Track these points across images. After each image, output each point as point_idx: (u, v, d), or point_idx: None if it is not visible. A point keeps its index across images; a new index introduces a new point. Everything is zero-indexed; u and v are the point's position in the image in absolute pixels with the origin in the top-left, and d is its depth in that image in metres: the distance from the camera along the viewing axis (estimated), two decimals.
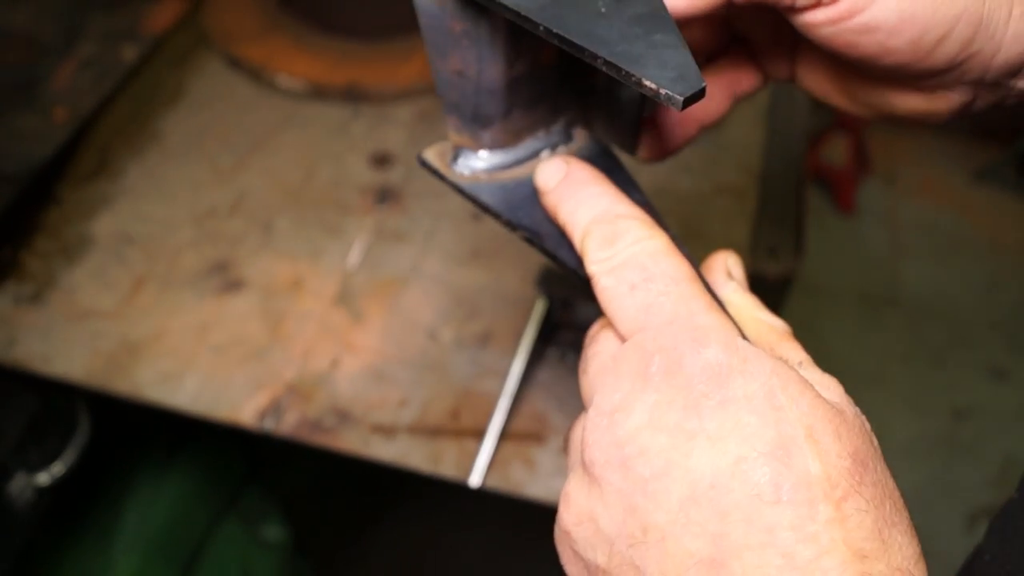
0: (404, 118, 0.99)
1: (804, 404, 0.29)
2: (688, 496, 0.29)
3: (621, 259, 0.35)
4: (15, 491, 0.78)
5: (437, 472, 0.71)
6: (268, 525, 1.05)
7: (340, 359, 0.78)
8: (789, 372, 0.30)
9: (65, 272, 0.84)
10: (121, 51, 1.02)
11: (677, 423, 0.30)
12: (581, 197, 0.38)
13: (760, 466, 0.28)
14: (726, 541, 0.28)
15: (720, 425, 0.29)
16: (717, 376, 0.30)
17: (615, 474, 0.31)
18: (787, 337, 0.36)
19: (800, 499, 0.27)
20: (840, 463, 0.28)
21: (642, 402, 0.31)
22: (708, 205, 0.89)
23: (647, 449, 0.30)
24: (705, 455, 0.29)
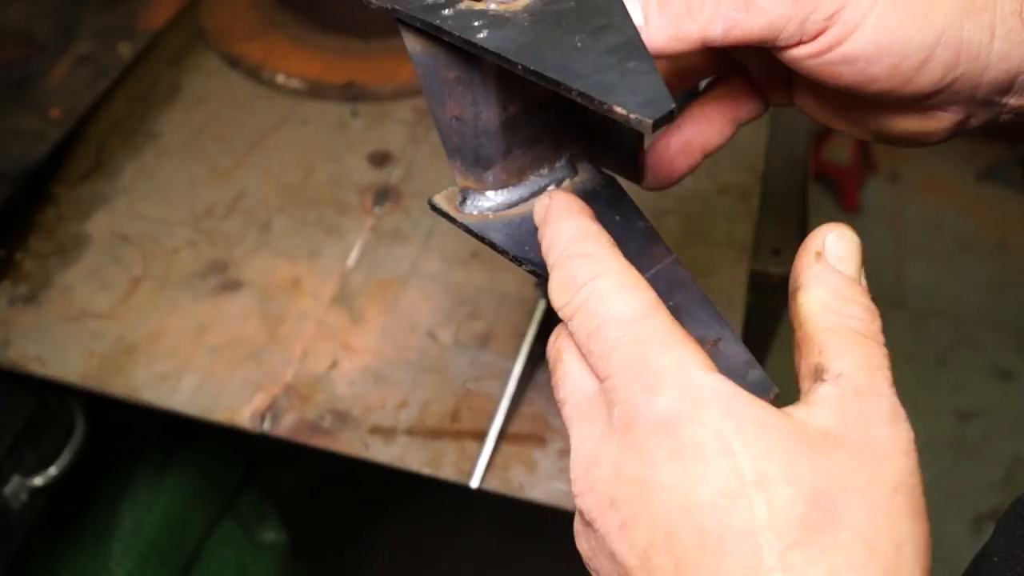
0: (404, 117, 0.98)
1: (759, 447, 0.28)
2: (649, 543, 0.29)
3: (574, 306, 0.34)
4: (10, 493, 0.78)
5: (437, 474, 0.70)
6: (265, 527, 1.04)
7: (339, 360, 0.77)
8: (746, 411, 0.29)
9: (61, 272, 0.83)
10: (117, 49, 1.01)
11: (636, 474, 0.30)
12: (551, 234, 0.37)
13: (705, 515, 0.28)
14: None
15: (670, 475, 0.29)
16: (667, 426, 0.29)
17: (600, 519, 0.31)
18: (845, 338, 0.31)
19: (743, 549, 0.27)
20: (791, 510, 0.27)
21: (608, 455, 0.31)
22: (711, 205, 0.88)
23: (616, 500, 0.31)
24: (660, 505, 0.29)
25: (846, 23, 0.36)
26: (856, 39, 0.36)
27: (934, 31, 0.35)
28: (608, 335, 0.32)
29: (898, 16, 0.35)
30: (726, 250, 0.84)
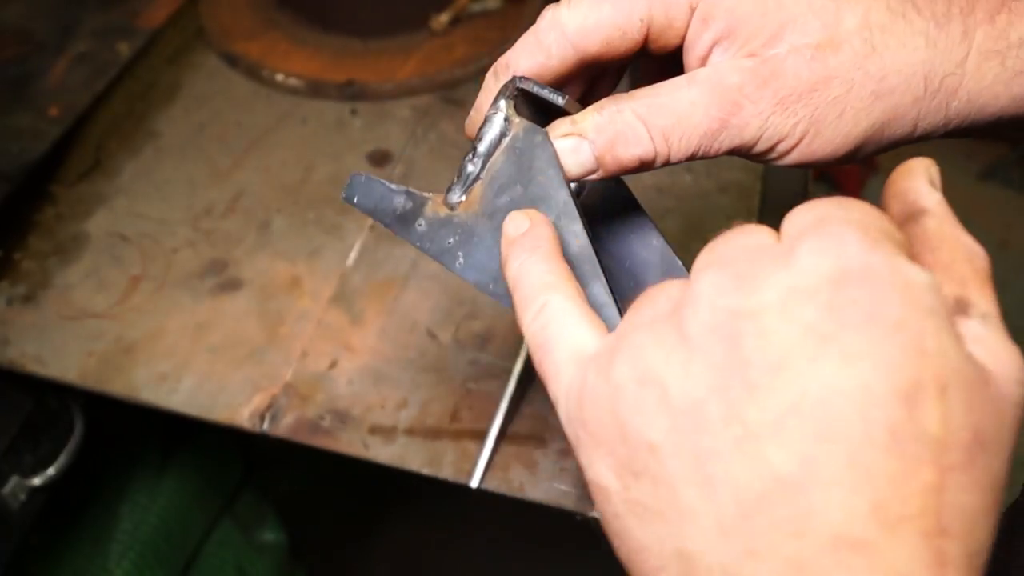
0: (403, 116, 0.98)
1: (950, 359, 0.26)
2: (793, 403, 0.26)
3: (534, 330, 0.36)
4: (9, 493, 0.78)
5: (436, 474, 0.70)
6: (264, 528, 1.04)
7: (338, 360, 0.77)
8: (946, 319, 0.27)
9: (59, 272, 0.83)
10: (116, 47, 1.01)
11: (813, 320, 0.26)
12: (517, 272, 0.38)
13: (884, 405, 0.25)
14: (817, 468, 0.25)
15: (860, 343, 0.26)
16: (874, 284, 0.26)
17: (717, 345, 0.27)
18: (982, 277, 0.31)
19: (909, 454, 0.25)
20: (960, 434, 0.26)
21: (779, 281, 0.27)
22: (711, 203, 0.88)
23: (768, 334, 0.27)
24: (830, 368, 0.25)
25: (778, 152, 0.40)
26: (814, 149, 0.40)
27: (878, 114, 0.39)
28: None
29: (823, 140, 0.39)
30: None
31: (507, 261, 0.38)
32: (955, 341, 0.27)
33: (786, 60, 0.38)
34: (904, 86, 0.39)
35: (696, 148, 0.40)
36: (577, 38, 0.39)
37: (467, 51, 1.01)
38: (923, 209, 0.33)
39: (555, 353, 0.34)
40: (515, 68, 0.41)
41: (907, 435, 0.25)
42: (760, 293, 0.27)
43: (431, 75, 1.00)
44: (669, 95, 0.39)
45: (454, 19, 1.05)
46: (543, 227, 0.39)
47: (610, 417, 0.29)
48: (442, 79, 0.99)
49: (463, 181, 0.43)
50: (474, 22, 1.06)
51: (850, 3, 0.39)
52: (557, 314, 0.35)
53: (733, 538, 0.26)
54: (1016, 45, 0.38)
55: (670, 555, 0.27)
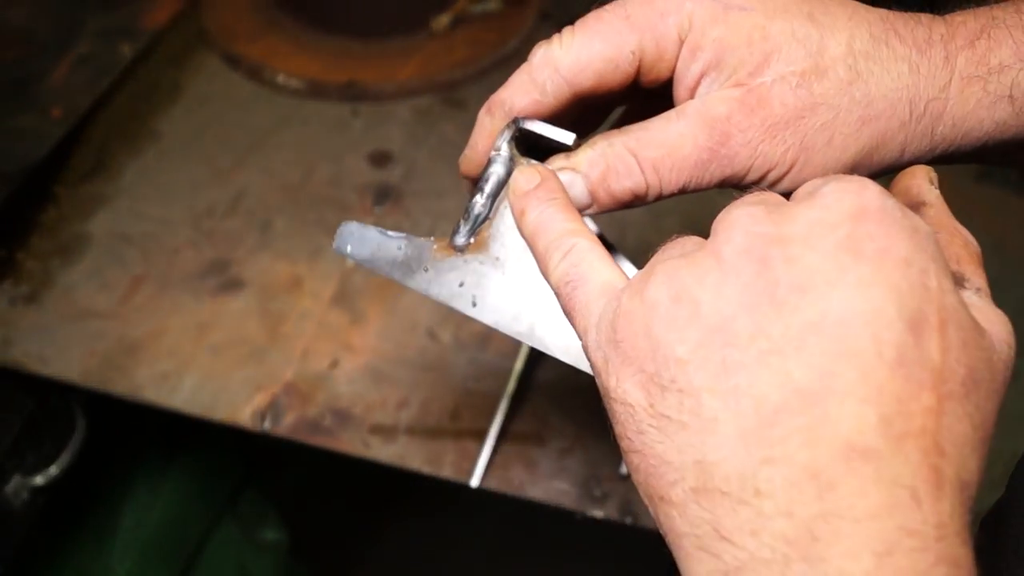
0: (403, 116, 0.98)
1: (949, 300, 0.29)
2: (814, 322, 0.28)
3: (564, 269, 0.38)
4: (11, 492, 0.78)
5: (437, 473, 0.70)
6: (266, 527, 1.04)
7: (339, 359, 0.77)
8: (945, 267, 0.30)
9: (62, 272, 0.84)
10: (119, 49, 1.01)
11: (833, 250, 0.29)
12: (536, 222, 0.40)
13: (894, 329, 0.27)
14: (833, 381, 0.27)
15: (873, 272, 0.28)
16: (888, 223, 0.29)
17: (749, 266, 0.29)
18: (975, 260, 0.35)
19: (914, 376, 0.27)
20: (957, 368, 0.28)
21: (806, 215, 0.30)
22: (711, 204, 0.88)
23: (794, 259, 0.29)
24: (847, 292, 0.28)
25: (769, 181, 0.41)
26: (777, 187, 0.41)
27: (848, 164, 0.40)
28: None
29: (813, 167, 0.40)
30: None
31: (524, 212, 0.40)
32: (953, 287, 0.29)
33: (772, 88, 0.39)
34: (890, 111, 0.40)
35: (687, 180, 0.41)
36: (571, 74, 0.40)
37: (467, 52, 1.02)
38: (924, 202, 0.37)
39: (587, 287, 0.36)
40: (510, 106, 0.41)
41: (912, 359, 0.27)
42: (789, 224, 0.30)
43: (431, 76, 1.00)
44: (659, 128, 0.40)
45: (454, 21, 1.06)
46: (554, 180, 0.40)
47: (643, 333, 0.31)
48: (442, 80, 1.00)
49: (471, 223, 0.42)
50: (474, 24, 1.06)
51: (833, 32, 0.39)
52: (586, 255, 0.37)
53: (752, 446, 0.27)
54: (997, 70, 0.39)
55: (689, 465, 0.29)
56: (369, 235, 0.44)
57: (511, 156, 0.42)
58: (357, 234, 0.44)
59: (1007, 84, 0.39)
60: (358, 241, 0.44)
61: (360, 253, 0.44)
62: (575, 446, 0.72)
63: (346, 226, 0.44)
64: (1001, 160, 0.44)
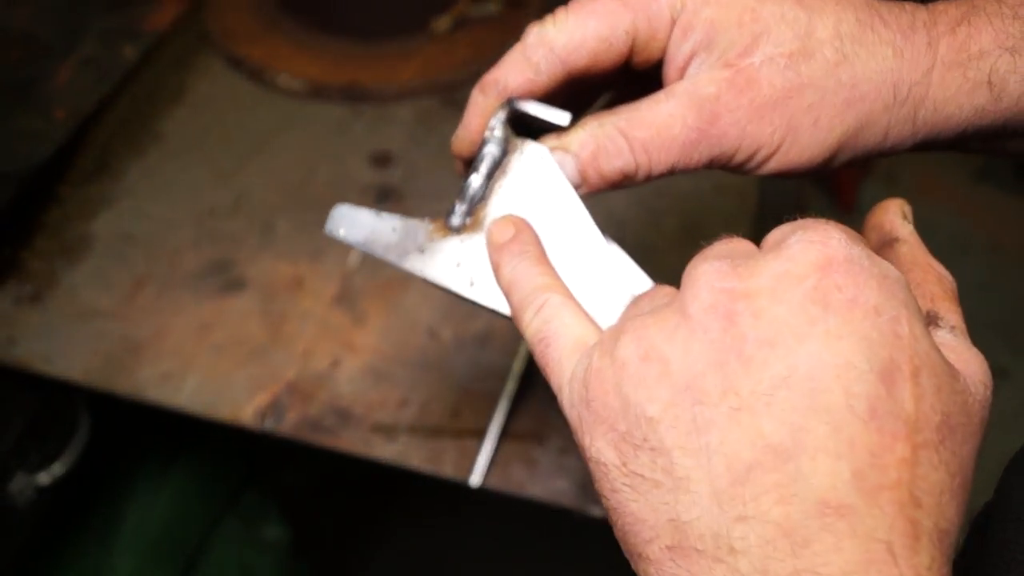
0: (404, 118, 0.99)
1: (921, 346, 0.28)
2: (783, 376, 0.27)
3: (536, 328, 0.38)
4: (15, 491, 0.78)
5: (437, 472, 0.71)
6: (268, 525, 1.05)
7: (340, 359, 0.78)
8: (917, 312, 0.29)
9: (66, 272, 0.84)
10: (122, 50, 1.02)
11: (801, 302, 0.28)
12: (511, 275, 0.40)
13: (865, 381, 0.27)
14: (805, 437, 0.27)
15: (842, 323, 0.28)
16: (855, 273, 0.29)
17: (716, 323, 0.29)
18: (950, 297, 0.35)
19: (886, 428, 0.27)
20: (931, 415, 0.28)
21: (771, 269, 0.30)
22: (709, 204, 0.89)
23: (761, 313, 0.29)
24: (816, 345, 0.28)
25: (756, 161, 0.41)
26: (764, 168, 0.42)
27: (833, 145, 0.41)
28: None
29: (800, 148, 0.41)
30: None
31: (499, 266, 0.40)
32: (926, 332, 0.29)
33: (761, 69, 0.40)
34: (874, 93, 0.40)
35: (676, 159, 0.41)
36: (565, 53, 0.40)
37: (467, 54, 1.02)
38: (897, 237, 0.37)
39: (559, 344, 0.36)
40: (504, 85, 0.42)
41: (885, 410, 0.27)
42: (755, 277, 0.30)
43: (432, 78, 1.01)
44: (648, 109, 0.41)
45: (455, 23, 1.06)
46: (528, 232, 0.41)
47: (614, 393, 0.31)
48: (443, 82, 1.00)
49: (467, 203, 0.42)
50: (474, 26, 1.07)
51: (821, 15, 0.40)
52: (558, 310, 0.37)
53: (725, 504, 0.27)
54: (976, 57, 0.40)
55: (664, 524, 0.29)
56: (362, 217, 0.43)
57: (505, 136, 0.42)
58: (350, 216, 0.43)
59: (986, 70, 0.40)
60: (351, 223, 0.43)
61: (353, 235, 0.43)
62: (574, 445, 0.72)
63: (338, 208, 0.43)
64: (981, 147, 0.44)
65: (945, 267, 0.38)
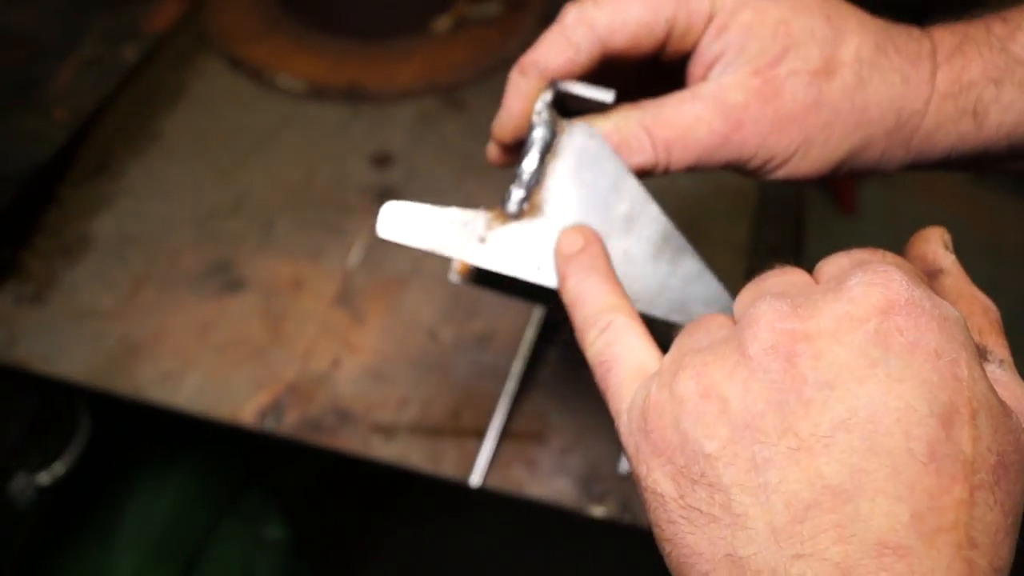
0: (404, 118, 0.99)
1: (979, 388, 0.29)
2: (844, 420, 0.28)
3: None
4: (16, 491, 0.78)
5: (437, 472, 0.71)
6: (268, 525, 1.05)
7: (341, 359, 0.78)
8: (975, 352, 0.30)
9: (66, 272, 0.84)
10: (122, 51, 1.02)
11: (862, 345, 0.29)
12: (578, 293, 0.40)
13: (925, 424, 0.27)
14: (864, 478, 0.27)
15: (903, 367, 0.28)
16: (916, 315, 0.29)
17: (776, 363, 0.29)
18: (996, 328, 0.35)
19: (945, 471, 0.27)
20: (987, 456, 0.28)
21: (833, 309, 0.30)
22: (709, 205, 0.89)
23: (822, 355, 0.29)
24: (877, 388, 0.28)
25: (767, 169, 0.42)
26: (773, 175, 0.43)
27: (836, 162, 0.42)
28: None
29: (809, 161, 0.42)
30: (725, 250, 0.85)
31: (565, 278, 0.40)
32: (983, 374, 0.29)
33: (787, 81, 0.40)
34: (880, 119, 0.41)
35: (695, 161, 0.42)
36: (608, 33, 0.41)
37: (468, 54, 1.02)
38: (941, 268, 0.37)
39: (620, 370, 0.36)
40: (544, 66, 0.42)
41: (943, 453, 0.27)
42: (816, 319, 0.30)
43: (432, 78, 1.01)
44: (674, 108, 0.41)
45: (455, 23, 1.06)
46: (597, 245, 0.41)
47: (672, 428, 0.31)
48: (443, 82, 1.00)
49: (525, 188, 0.42)
50: (474, 26, 1.07)
51: (846, 36, 0.41)
52: (622, 334, 0.37)
53: (783, 542, 0.27)
54: (966, 87, 0.41)
55: (721, 558, 0.29)
56: (416, 213, 0.42)
57: (553, 119, 0.42)
58: (402, 214, 0.42)
59: (972, 100, 0.41)
60: (404, 222, 0.42)
61: (410, 236, 0.42)
62: (575, 445, 0.72)
63: (389, 207, 0.42)
64: (959, 169, 0.45)
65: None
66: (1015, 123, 0.41)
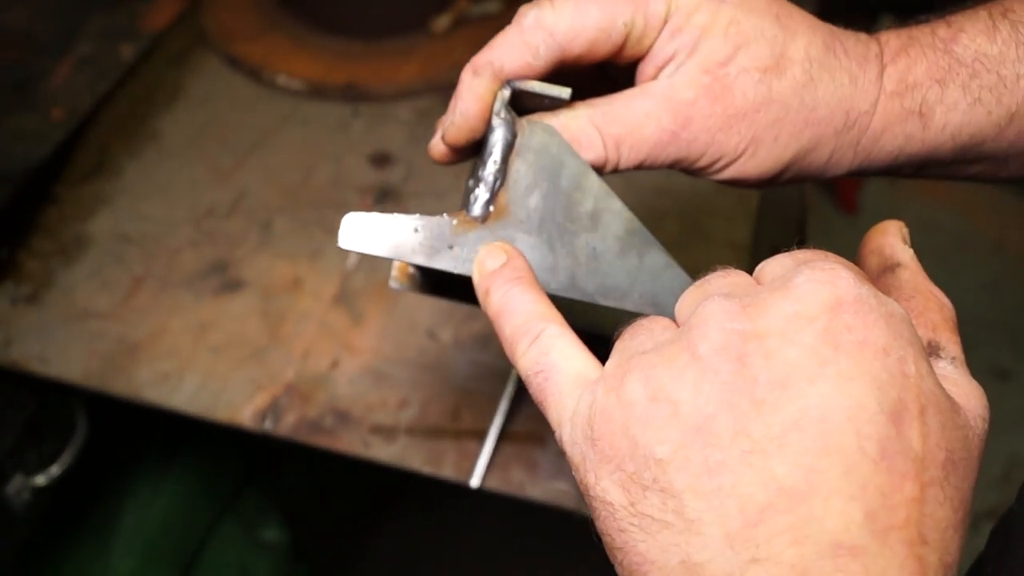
0: (404, 117, 0.99)
1: (927, 384, 0.29)
2: (796, 420, 0.27)
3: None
4: (13, 492, 0.78)
5: (437, 473, 0.70)
6: (267, 526, 1.04)
7: (339, 359, 0.77)
8: (922, 349, 0.30)
9: (63, 272, 0.84)
10: (119, 50, 1.02)
11: (812, 344, 0.28)
12: (500, 309, 0.39)
13: (876, 422, 0.27)
14: (818, 479, 0.27)
15: (853, 365, 0.28)
16: (864, 313, 0.29)
17: (727, 365, 0.29)
18: (951, 325, 0.35)
19: (896, 469, 0.27)
20: (937, 453, 0.28)
21: (781, 310, 0.29)
22: (710, 204, 0.89)
23: (772, 355, 0.28)
24: (828, 387, 0.27)
25: (716, 168, 0.43)
26: (721, 175, 0.43)
27: (786, 162, 0.43)
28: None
29: (757, 160, 0.43)
30: (726, 250, 0.84)
31: (489, 292, 0.39)
32: (930, 370, 0.29)
33: (736, 79, 0.41)
34: (829, 118, 0.42)
35: (645, 158, 0.42)
36: (565, 40, 0.41)
37: (467, 53, 1.00)
38: (898, 263, 0.37)
39: (559, 378, 0.35)
40: (500, 67, 0.42)
41: (894, 451, 0.27)
42: (765, 318, 0.29)
43: (431, 77, 1.00)
44: (624, 105, 0.42)
45: (454, 22, 1.06)
46: (519, 259, 0.40)
47: (621, 433, 0.30)
48: (442, 81, 1.00)
49: (489, 191, 0.42)
50: (474, 25, 1.06)
51: (795, 36, 0.41)
52: (556, 342, 0.36)
53: (738, 546, 0.27)
54: (912, 87, 0.42)
55: (675, 566, 0.28)
56: (378, 223, 0.41)
57: (512, 119, 0.42)
58: (363, 224, 0.41)
59: (918, 100, 0.42)
60: (367, 232, 0.41)
61: (372, 246, 0.41)
62: None
63: (350, 218, 0.41)
64: (913, 174, 0.46)
65: (946, 267, 0.38)
66: (959, 123, 0.42)
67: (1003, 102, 0.42)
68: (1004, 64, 0.41)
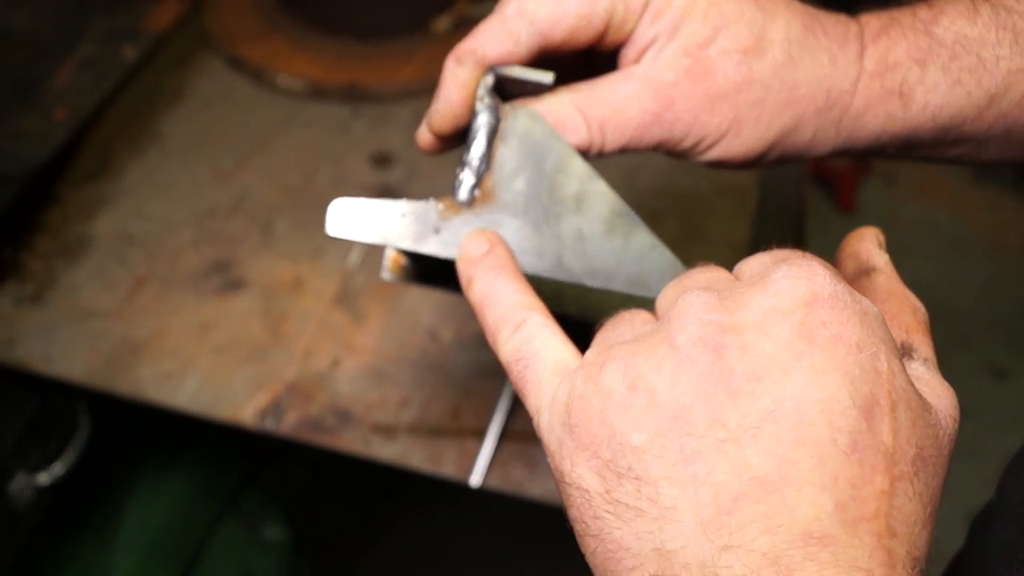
0: (405, 118, 0.99)
1: (898, 381, 0.29)
2: (771, 411, 0.28)
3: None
4: (15, 491, 0.78)
5: (437, 472, 0.71)
6: (268, 525, 1.05)
7: (340, 359, 0.78)
8: (894, 347, 0.30)
9: (66, 272, 0.84)
10: (122, 51, 1.02)
11: (788, 337, 0.29)
12: (484, 296, 0.40)
13: (848, 416, 0.28)
14: (791, 469, 0.27)
15: (827, 359, 0.28)
16: (839, 309, 0.29)
17: (704, 355, 0.29)
18: (923, 328, 0.36)
19: (867, 461, 0.28)
20: (907, 448, 0.28)
21: (759, 303, 0.30)
22: (709, 205, 0.89)
23: (749, 347, 0.29)
24: (803, 379, 0.28)
25: (700, 149, 0.43)
26: (706, 155, 0.44)
27: (769, 141, 0.43)
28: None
29: (740, 141, 0.43)
30: (725, 250, 0.85)
31: (471, 280, 0.40)
32: (902, 367, 0.30)
33: (717, 60, 0.42)
34: (810, 97, 0.42)
35: (628, 140, 0.43)
36: (547, 27, 0.41)
37: None
38: (874, 267, 0.38)
39: (539, 366, 0.36)
40: (482, 55, 0.42)
41: (865, 444, 0.28)
42: (743, 311, 0.30)
43: (432, 78, 1.00)
44: (607, 88, 0.42)
45: (455, 23, 1.06)
46: (502, 247, 0.41)
47: (598, 421, 0.31)
48: None
49: (475, 175, 0.42)
50: (474, 26, 1.07)
51: (775, 17, 0.42)
52: (538, 331, 0.37)
53: (711, 533, 0.27)
54: (891, 67, 0.42)
55: (648, 553, 0.29)
56: (365, 208, 0.42)
57: (496, 104, 0.42)
58: (351, 210, 0.41)
59: (898, 81, 0.42)
60: (354, 218, 0.41)
61: (359, 231, 0.41)
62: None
63: (337, 204, 0.41)
64: (897, 155, 0.46)
65: (944, 267, 0.39)
66: (940, 104, 0.42)
67: (983, 84, 0.42)
68: (984, 46, 0.42)
